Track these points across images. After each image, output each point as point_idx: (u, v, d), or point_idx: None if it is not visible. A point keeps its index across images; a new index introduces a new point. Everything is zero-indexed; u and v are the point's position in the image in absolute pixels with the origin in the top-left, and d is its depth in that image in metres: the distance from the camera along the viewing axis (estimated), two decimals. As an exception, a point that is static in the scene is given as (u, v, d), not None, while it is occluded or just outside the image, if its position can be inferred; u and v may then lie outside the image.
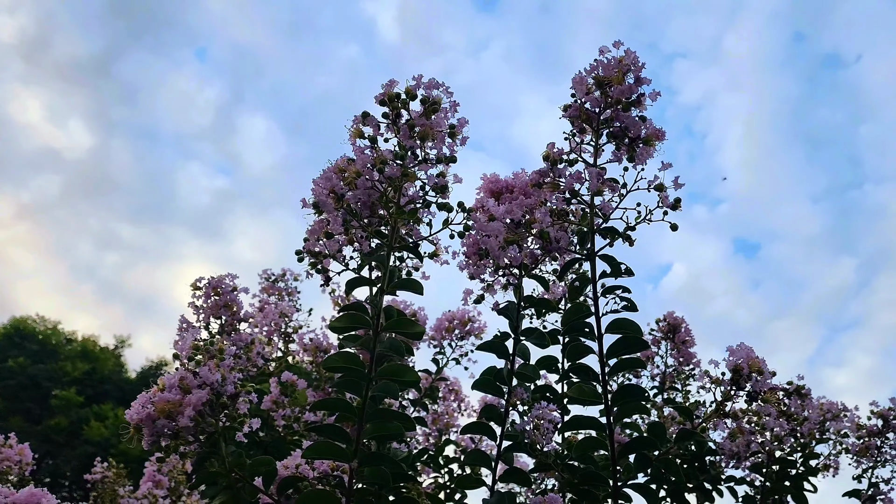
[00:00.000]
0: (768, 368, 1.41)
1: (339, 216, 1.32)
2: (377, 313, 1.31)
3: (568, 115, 1.30)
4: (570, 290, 1.35)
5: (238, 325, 2.08)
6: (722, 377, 1.42)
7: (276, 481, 1.45)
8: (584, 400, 1.35)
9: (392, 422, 1.33)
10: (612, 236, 1.30)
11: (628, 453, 1.32)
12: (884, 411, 2.28)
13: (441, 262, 1.62)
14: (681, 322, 2.71)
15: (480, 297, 1.60)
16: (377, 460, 1.33)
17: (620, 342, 1.29)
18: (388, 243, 1.33)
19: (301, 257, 1.52)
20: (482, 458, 1.58)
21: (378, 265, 1.63)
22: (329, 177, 1.27)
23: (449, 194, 1.37)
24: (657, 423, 1.34)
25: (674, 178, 1.25)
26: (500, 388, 1.56)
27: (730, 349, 1.44)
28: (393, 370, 1.31)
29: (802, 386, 2.21)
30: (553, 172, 1.25)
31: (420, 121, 1.29)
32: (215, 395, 1.45)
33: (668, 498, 2.68)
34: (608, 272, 1.31)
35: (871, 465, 2.28)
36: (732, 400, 1.41)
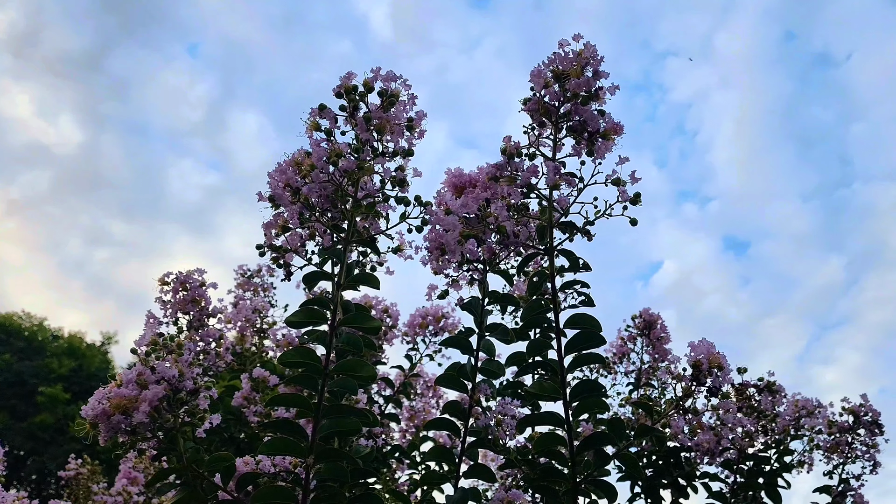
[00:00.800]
0: (729, 364, 1.41)
1: (296, 210, 1.31)
2: (334, 308, 1.30)
3: (527, 109, 1.29)
4: (529, 285, 1.35)
5: (207, 321, 2.06)
6: (683, 373, 1.41)
7: (234, 477, 1.44)
8: (543, 395, 1.34)
9: (349, 417, 1.31)
10: (571, 231, 1.29)
11: (587, 449, 1.31)
12: (855, 408, 2.28)
13: (405, 258, 1.61)
14: (656, 319, 2.70)
15: (445, 293, 1.59)
16: (334, 456, 1.31)
17: (578, 337, 1.28)
18: (346, 237, 1.32)
19: (262, 252, 1.50)
20: (445, 454, 1.57)
21: (342, 260, 1.62)
22: (284, 170, 1.26)
23: (408, 188, 1.36)
24: (616, 419, 1.33)
25: (630, 172, 1.24)
26: (463, 384, 1.56)
27: (691, 345, 1.44)
28: (349, 365, 1.30)
29: (773, 382, 2.22)
30: (510, 166, 1.24)
31: (377, 113, 1.28)
32: (173, 390, 1.43)
33: (643, 495, 2.69)
34: (567, 267, 1.30)
35: (841, 462, 2.29)
36: (693, 396, 1.40)
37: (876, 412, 2.26)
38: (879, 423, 2.27)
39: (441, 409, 1.59)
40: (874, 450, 2.26)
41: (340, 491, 1.39)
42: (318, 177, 1.24)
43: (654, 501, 2.62)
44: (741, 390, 2.18)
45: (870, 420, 2.27)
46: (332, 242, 1.33)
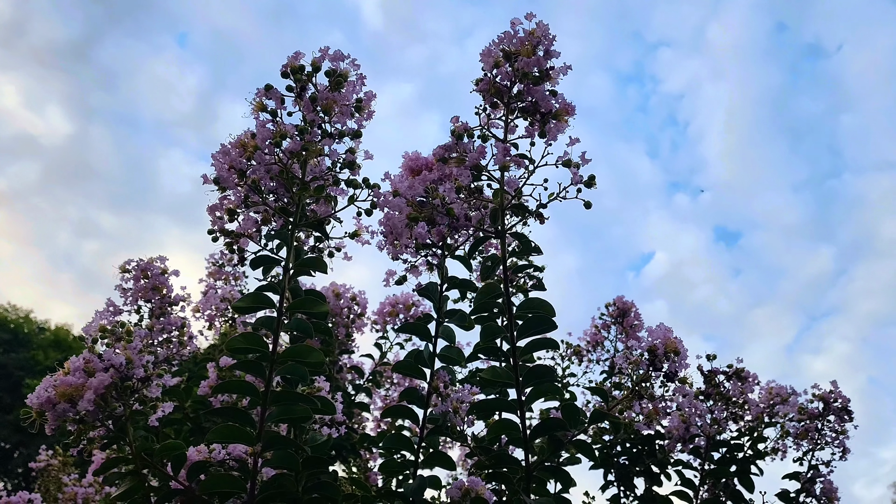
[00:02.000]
0: (686, 349, 1.39)
1: (242, 193, 1.28)
2: (282, 293, 1.27)
3: (478, 89, 1.26)
4: (482, 269, 1.32)
5: (169, 309, 2.03)
6: (640, 358, 1.39)
7: (186, 466, 1.41)
8: (497, 381, 1.32)
9: (298, 404, 1.29)
10: (523, 214, 1.27)
11: (540, 435, 1.30)
12: (825, 394, 2.28)
13: (362, 243, 1.58)
14: (630, 306, 2.68)
15: (403, 278, 1.56)
16: (283, 444, 1.29)
17: (530, 321, 1.26)
18: (293, 221, 1.29)
19: (215, 237, 1.47)
20: (403, 442, 1.55)
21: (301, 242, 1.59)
22: (227, 151, 1.23)
23: (359, 171, 1.33)
24: (570, 405, 1.31)
25: (581, 153, 1.22)
26: (421, 370, 1.53)
27: (648, 330, 1.42)
28: (297, 351, 1.27)
29: (742, 369, 2.20)
30: (458, 147, 1.22)
31: (324, 94, 1.25)
32: (121, 378, 1.40)
33: (616, 482, 2.69)
34: (520, 250, 1.28)
35: (811, 448, 2.28)
36: (650, 381, 1.39)
37: (845, 398, 2.26)
38: (849, 410, 2.27)
39: (399, 396, 1.57)
40: (843, 436, 2.25)
41: (291, 479, 1.36)
42: (262, 158, 1.21)
43: (628, 489, 2.62)
44: (710, 377, 2.17)
45: (839, 406, 2.26)
46: (282, 226, 1.30)
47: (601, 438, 2.72)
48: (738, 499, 2.41)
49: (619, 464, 2.64)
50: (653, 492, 2.53)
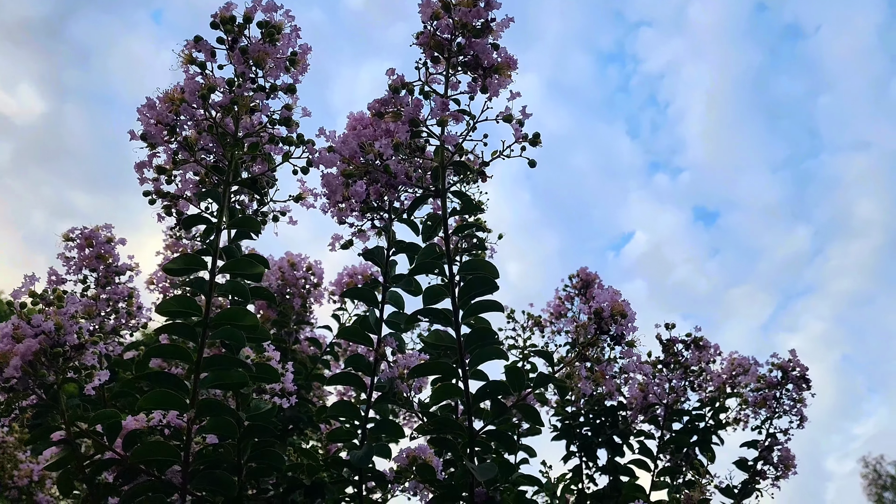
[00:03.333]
0: (634, 312, 1.37)
1: (172, 150, 1.23)
2: (214, 254, 1.23)
3: (418, 43, 1.22)
4: (423, 230, 1.28)
5: (115, 278, 1.97)
6: (588, 321, 1.37)
7: (121, 435, 1.37)
8: (440, 345, 1.29)
9: (233, 369, 1.25)
10: (465, 172, 1.23)
11: (483, 399, 1.27)
12: (784, 363, 2.28)
13: (307, 206, 1.54)
14: (594, 277, 2.67)
15: (349, 243, 1.52)
16: (218, 411, 1.25)
17: (472, 283, 1.22)
18: (226, 179, 1.24)
19: (152, 200, 1.42)
20: (349, 410, 1.52)
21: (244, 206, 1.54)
22: (153, 104, 1.17)
23: (296, 128, 1.28)
24: (513, 368, 1.29)
25: (522, 108, 1.18)
26: (368, 336, 1.50)
27: (596, 293, 1.39)
28: (230, 314, 1.23)
29: (700, 338, 2.20)
30: (394, 101, 1.17)
31: (257, 46, 1.19)
32: (52, 344, 1.35)
33: (579, 453, 2.68)
34: (461, 210, 1.24)
35: (769, 416, 2.29)
36: (597, 344, 1.36)
37: (803, 367, 2.26)
38: (807, 378, 2.28)
39: (344, 362, 1.54)
40: (801, 404, 2.26)
41: (230, 448, 1.33)
42: (190, 111, 1.16)
43: (590, 460, 2.62)
44: (669, 346, 2.16)
45: (798, 375, 2.26)
46: (214, 185, 1.25)
47: (564, 410, 2.72)
48: (699, 468, 2.42)
49: (581, 434, 2.64)
50: (615, 462, 2.53)
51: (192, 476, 1.28)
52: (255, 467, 1.49)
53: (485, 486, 1.29)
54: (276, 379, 1.48)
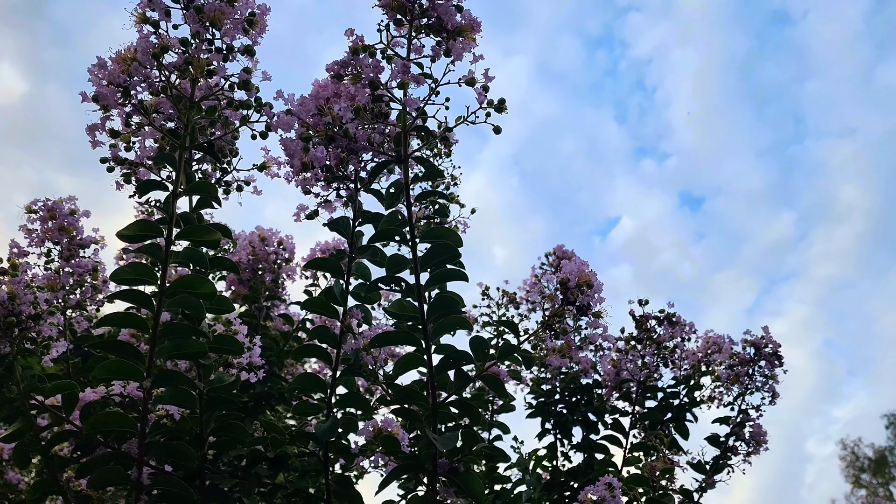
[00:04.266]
0: (601, 283, 1.35)
1: (126, 113, 1.19)
2: (170, 220, 1.20)
3: (381, 5, 1.18)
4: (385, 196, 1.26)
5: (79, 252, 1.93)
6: (554, 292, 1.36)
7: (78, 406, 1.34)
8: (403, 315, 1.27)
9: (191, 338, 1.22)
10: (428, 137, 1.20)
11: (446, 369, 1.25)
12: (756, 340, 2.28)
13: (271, 176, 1.51)
14: (570, 255, 2.66)
15: (314, 213, 1.49)
16: (175, 380, 1.23)
17: (433, 251, 1.20)
18: (181, 143, 1.20)
19: (110, 167, 1.38)
20: (314, 382, 1.50)
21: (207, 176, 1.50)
22: (104, 64, 1.13)
23: (255, 92, 1.25)
24: (477, 338, 1.27)
25: (484, 70, 1.15)
26: (333, 308, 1.47)
27: (563, 264, 1.38)
28: (187, 282, 1.20)
29: (674, 314, 2.20)
30: (354, 62, 1.14)
31: (213, 4, 1.15)
32: (6, 314, 1.32)
33: (554, 429, 2.68)
34: (423, 176, 1.22)
35: (741, 392, 2.29)
36: (564, 315, 1.35)
37: (776, 344, 2.27)
38: (779, 355, 2.28)
39: (309, 334, 1.51)
40: (773, 381, 2.27)
41: (188, 419, 1.30)
42: (142, 72, 1.12)
43: (565, 437, 2.63)
44: (641, 322, 2.16)
45: (770, 352, 2.27)
46: (169, 149, 1.22)
47: (539, 388, 2.72)
48: (673, 445, 2.43)
49: (556, 412, 2.64)
50: (590, 439, 2.54)
51: (149, 448, 1.25)
52: (219, 440, 1.47)
53: (447, 457, 1.27)
54: (239, 351, 1.46)
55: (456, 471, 1.27)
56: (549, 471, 2.52)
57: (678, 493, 2.31)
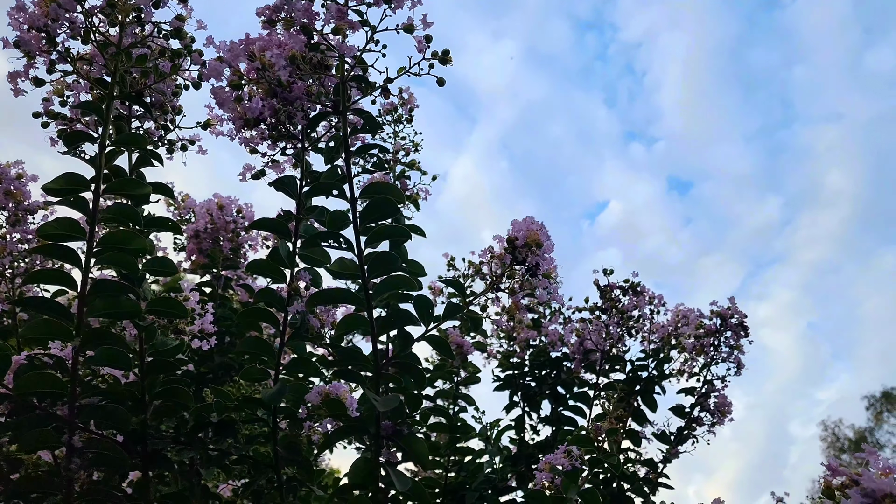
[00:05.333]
0: (551, 242, 1.32)
1: (51, 60, 1.14)
2: (98, 173, 1.15)
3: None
4: (325, 151, 1.22)
5: (27, 217, 1.88)
6: (503, 251, 1.32)
7: (11, 370, 1.30)
8: (344, 274, 1.23)
9: (123, 297, 1.18)
10: (366, 87, 1.16)
11: (388, 329, 1.22)
12: (723, 311, 2.27)
13: (216, 134, 1.46)
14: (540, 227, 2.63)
15: (260, 173, 1.44)
16: (106, 340, 1.18)
17: (371, 206, 1.16)
18: (109, 92, 1.15)
19: (44, 122, 1.33)
20: (262, 347, 1.46)
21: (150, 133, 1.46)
22: (22, 6, 1.08)
23: (187, 38, 1.20)
24: (422, 297, 1.24)
25: (422, 16, 1.10)
26: (280, 271, 1.43)
27: (513, 222, 1.34)
28: (116, 237, 1.15)
29: (638, 283, 2.17)
30: (287, 7, 1.09)
31: (139, -55, 1.10)
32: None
33: (523, 403, 2.66)
34: (361, 128, 1.17)
35: (707, 363, 2.28)
36: (514, 276, 1.32)
37: (742, 314, 2.25)
38: (745, 326, 2.27)
39: (255, 297, 1.48)
40: (739, 351, 2.26)
41: (119, 380, 1.26)
42: (64, 15, 1.07)
43: (533, 410, 2.61)
44: (606, 292, 2.14)
45: (736, 322, 2.26)
46: (98, 99, 1.16)
47: (508, 361, 2.70)
48: (641, 418, 2.42)
49: (524, 385, 2.63)
50: (558, 412, 2.52)
51: (82, 410, 1.21)
52: (162, 406, 1.43)
53: (391, 419, 1.24)
54: (182, 314, 1.42)
55: (399, 433, 1.24)
56: (517, 443, 2.50)
57: (643, 464, 2.30)
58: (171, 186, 1.41)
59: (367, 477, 1.25)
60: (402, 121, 2.03)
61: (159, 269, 1.44)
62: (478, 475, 2.00)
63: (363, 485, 1.27)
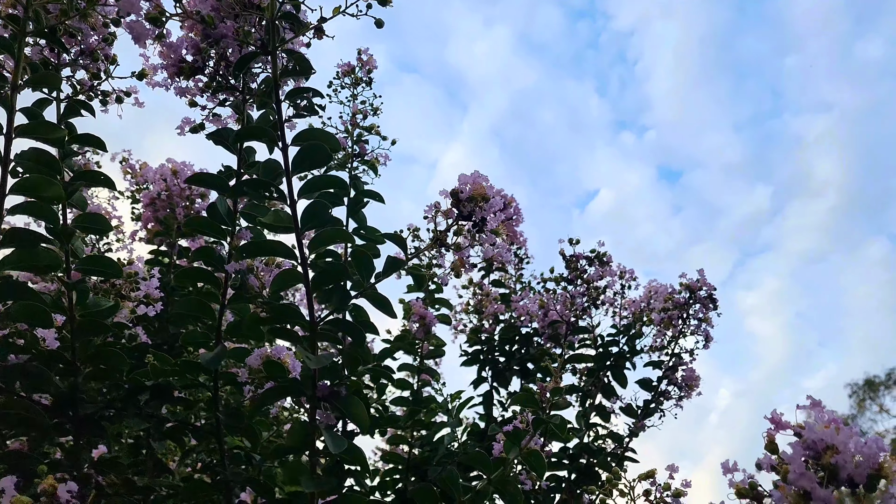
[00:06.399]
0: (503, 195, 1.26)
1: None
2: (9, 114, 1.08)
3: None
4: (256, 95, 1.15)
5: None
6: (449, 206, 1.26)
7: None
8: (278, 226, 1.17)
9: (39, 248, 1.11)
10: (299, 27, 1.09)
11: (323, 284, 1.16)
12: (692, 283, 2.22)
13: (152, 85, 1.39)
14: (510, 200, 2.57)
15: (199, 126, 1.38)
16: (22, 294, 1.12)
17: (301, 154, 1.09)
18: (21, 28, 1.08)
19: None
20: (201, 308, 1.40)
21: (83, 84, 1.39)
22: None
23: (108, -24, 1.13)
24: (359, 251, 1.18)
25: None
26: (220, 228, 1.37)
27: (460, 176, 1.28)
28: (29, 184, 1.09)
29: (604, 253, 2.12)
30: (207, -63, 1.02)
31: None
32: None
33: (492, 380, 2.61)
34: (291, 70, 1.11)
35: (675, 336, 2.24)
36: (461, 232, 1.26)
37: (710, 286, 2.21)
38: (714, 298, 2.23)
39: (191, 256, 1.41)
40: (707, 324, 2.22)
41: (37, 338, 1.20)
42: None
43: (502, 385, 2.57)
44: (572, 262, 2.08)
45: (705, 295, 2.21)
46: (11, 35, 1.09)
47: (477, 337, 2.65)
48: (610, 393, 2.38)
49: (493, 360, 2.58)
50: (527, 387, 2.48)
51: (0, 369, 1.15)
52: (94, 370, 1.37)
53: (328, 379, 1.19)
54: (115, 273, 1.35)
55: (337, 394, 1.18)
56: (485, 419, 2.46)
57: (609, 438, 2.27)
58: (99, 138, 1.34)
59: (304, 440, 1.20)
60: (361, 83, 1.97)
61: (92, 225, 1.37)
62: (439, 448, 1.95)
63: (299, 448, 1.21)
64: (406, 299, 2.25)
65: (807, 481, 0.80)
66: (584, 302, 2.07)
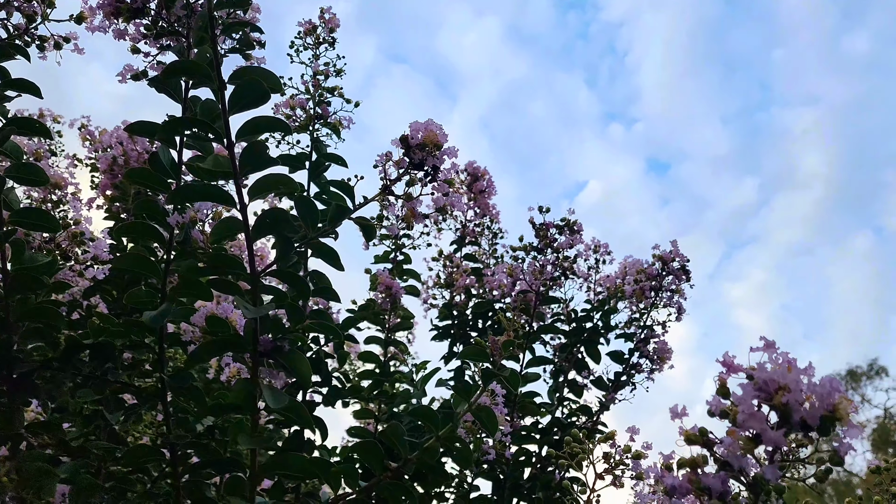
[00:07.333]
0: (450, 145, 1.21)
1: None
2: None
3: None
4: (194, 33, 1.09)
5: None
6: (400, 155, 1.21)
7: None
8: (217, 172, 1.11)
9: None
10: (235, -42, 1.03)
11: (265, 233, 1.10)
12: (664, 254, 2.18)
13: (91, 30, 1.32)
14: (483, 173, 2.53)
15: (142, 74, 1.31)
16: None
17: (237, 92, 1.03)
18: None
19: None
20: (144, 265, 1.33)
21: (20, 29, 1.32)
22: None
23: None
24: (304, 199, 1.12)
25: None
26: (163, 180, 1.31)
27: (411, 123, 1.23)
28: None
29: (575, 221, 2.07)
30: None
31: None
32: None
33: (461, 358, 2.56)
34: (229, 2, 1.04)
35: (646, 309, 2.20)
36: (413, 181, 1.20)
37: (683, 257, 2.17)
38: (687, 270, 2.19)
39: (133, 208, 1.35)
40: (679, 296, 2.18)
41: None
42: None
43: (473, 362, 2.52)
44: (541, 230, 2.03)
45: (677, 267, 2.17)
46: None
47: (449, 311, 2.60)
48: (583, 368, 2.34)
49: (465, 334, 2.54)
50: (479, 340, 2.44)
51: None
52: (30, 328, 1.31)
53: (271, 334, 1.13)
54: (52, 227, 1.29)
55: (280, 350, 1.13)
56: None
57: (580, 412, 2.23)
58: (34, 84, 1.28)
59: (246, 397, 1.14)
60: (324, 43, 1.90)
61: (27, 175, 1.31)
62: (403, 421, 1.90)
63: (241, 405, 1.16)
64: (373, 270, 2.20)
65: (756, 423, 0.75)
66: (553, 271, 2.02)
